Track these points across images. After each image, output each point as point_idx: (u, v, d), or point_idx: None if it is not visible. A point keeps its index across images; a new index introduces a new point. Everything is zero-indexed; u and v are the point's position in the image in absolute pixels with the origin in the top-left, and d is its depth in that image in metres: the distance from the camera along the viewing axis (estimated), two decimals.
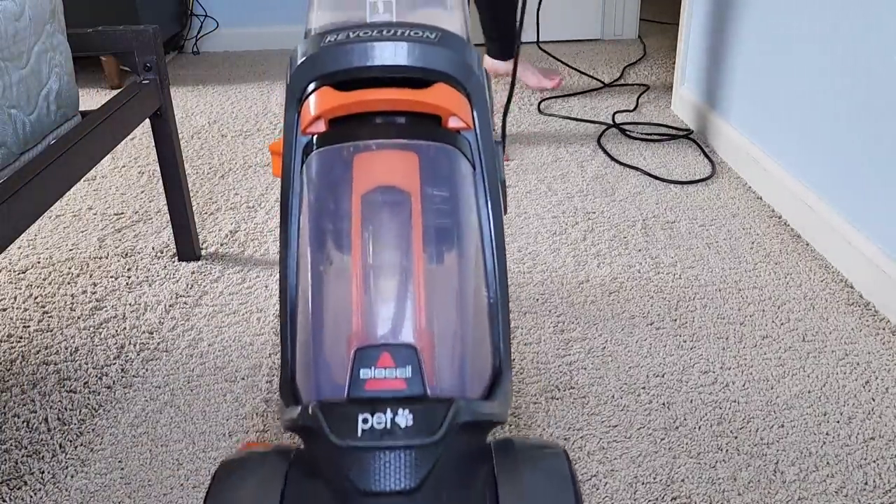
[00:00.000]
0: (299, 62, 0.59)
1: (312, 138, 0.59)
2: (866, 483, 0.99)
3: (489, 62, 2.45)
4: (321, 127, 0.59)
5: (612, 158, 1.98)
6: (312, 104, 0.58)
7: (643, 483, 1.00)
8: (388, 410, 0.48)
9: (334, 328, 0.55)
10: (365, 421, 0.48)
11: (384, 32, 0.58)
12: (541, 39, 2.48)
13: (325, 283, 0.56)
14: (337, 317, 0.55)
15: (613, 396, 1.15)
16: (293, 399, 0.54)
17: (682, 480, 1.00)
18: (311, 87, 0.59)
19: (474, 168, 0.60)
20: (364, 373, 0.50)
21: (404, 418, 0.48)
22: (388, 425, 0.48)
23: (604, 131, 2.16)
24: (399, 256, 0.55)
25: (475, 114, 0.61)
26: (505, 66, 2.44)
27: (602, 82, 2.58)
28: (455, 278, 0.57)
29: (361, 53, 0.57)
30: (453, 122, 0.59)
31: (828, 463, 1.02)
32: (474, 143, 0.60)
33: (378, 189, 0.57)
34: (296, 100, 0.59)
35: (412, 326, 0.53)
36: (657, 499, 0.97)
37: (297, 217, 0.59)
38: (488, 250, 0.59)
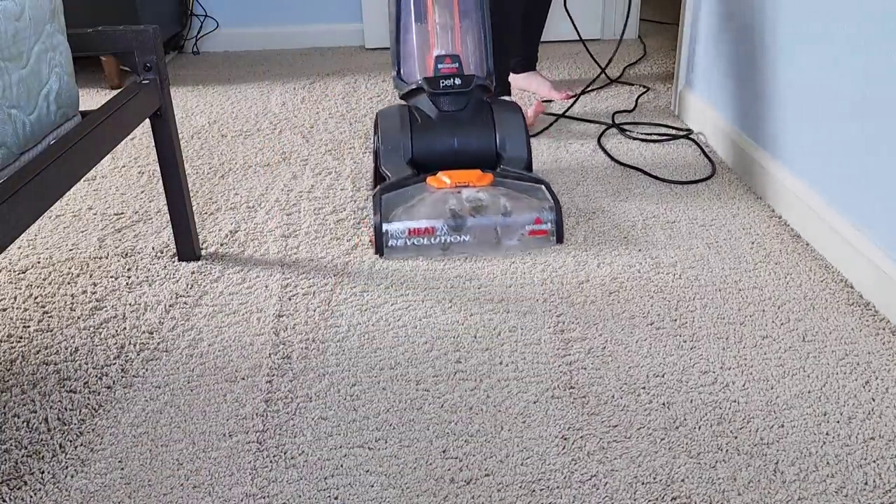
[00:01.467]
0: None
1: None
2: (866, 483, 0.99)
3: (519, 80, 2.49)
4: None
5: (612, 158, 1.98)
6: None
7: (643, 483, 1.00)
8: (450, 79, 1.66)
9: (424, 49, 1.72)
10: (442, 82, 1.66)
11: None
12: (542, 40, 2.50)
13: (418, 30, 1.72)
14: (426, 44, 1.71)
15: (613, 396, 1.15)
16: (402, 84, 1.73)
17: (682, 480, 1.00)
18: None
19: None
20: (440, 66, 1.68)
21: (458, 81, 1.67)
22: (452, 83, 1.67)
23: (604, 131, 2.16)
24: (449, 18, 1.70)
25: None
26: (521, 78, 2.47)
27: (608, 77, 2.59)
28: (472, 29, 1.73)
29: None
30: None
31: (828, 463, 1.02)
32: None
33: None
34: None
35: (456, 48, 1.71)
36: (657, 499, 0.97)
37: (405, 3, 1.71)
38: (485, 19, 1.74)
